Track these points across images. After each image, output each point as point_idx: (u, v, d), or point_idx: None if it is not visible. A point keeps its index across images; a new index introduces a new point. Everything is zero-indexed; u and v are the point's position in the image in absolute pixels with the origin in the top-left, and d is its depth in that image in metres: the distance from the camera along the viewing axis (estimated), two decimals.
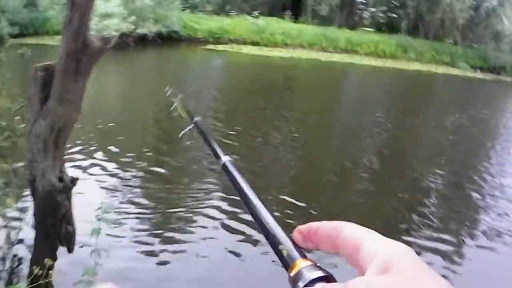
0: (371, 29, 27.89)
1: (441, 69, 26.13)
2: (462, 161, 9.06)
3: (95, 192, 5.29)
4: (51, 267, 2.92)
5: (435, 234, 5.33)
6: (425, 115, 13.91)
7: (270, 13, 25.27)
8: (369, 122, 11.18)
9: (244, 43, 21.89)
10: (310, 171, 7.29)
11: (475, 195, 6.96)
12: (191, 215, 4.98)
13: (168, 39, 19.96)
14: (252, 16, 23.35)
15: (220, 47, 20.87)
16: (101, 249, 3.06)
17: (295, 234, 0.55)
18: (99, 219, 3.06)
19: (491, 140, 11.52)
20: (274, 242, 0.59)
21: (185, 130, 1.42)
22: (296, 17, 26.19)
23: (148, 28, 18.94)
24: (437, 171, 7.92)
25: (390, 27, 28.97)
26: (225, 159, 0.93)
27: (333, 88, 16.15)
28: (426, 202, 6.40)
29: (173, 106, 1.64)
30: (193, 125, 1.43)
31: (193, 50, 20.43)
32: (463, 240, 5.31)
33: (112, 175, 5.89)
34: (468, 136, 11.40)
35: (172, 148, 7.54)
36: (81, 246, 3.48)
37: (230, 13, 24.64)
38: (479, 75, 27.76)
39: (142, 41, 18.67)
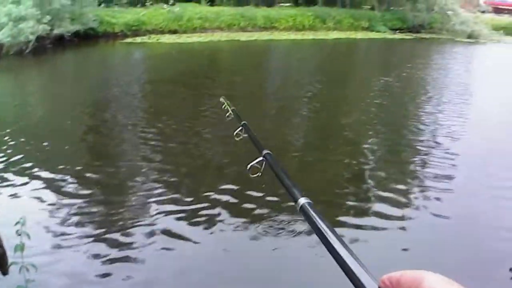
0: (288, 4, 29.34)
1: (360, 35, 28.08)
2: (395, 121, 9.54)
3: (24, 205, 5.17)
4: None
5: (379, 195, 5.67)
6: (351, 81, 15.10)
7: None
8: (298, 95, 11.48)
9: (162, 32, 22.56)
10: (247, 155, 7.58)
11: (412, 152, 7.50)
12: (130, 221, 4.90)
13: (85, 37, 20.12)
14: (168, 4, 24.05)
15: (138, 39, 21.29)
16: (28, 265, 3.13)
17: (381, 284, 0.58)
18: (19, 234, 3.07)
19: (419, 95, 12.26)
20: (352, 277, 0.65)
21: (253, 162, 1.36)
22: (212, 0, 27.13)
23: (66, 28, 18.97)
24: (372, 134, 8.43)
25: (307, 0, 30.47)
26: (303, 201, 0.93)
27: (256, 67, 16.82)
28: (366, 166, 6.75)
29: (236, 132, 1.89)
30: (262, 158, 1.37)
31: (112, 46, 20.68)
32: (405, 199, 5.61)
33: (39, 186, 5.69)
34: (397, 96, 12.07)
35: (102, 151, 7.34)
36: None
37: (146, 3, 25.21)
38: (399, 35, 29.99)
39: (60, 42, 18.79)
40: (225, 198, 5.43)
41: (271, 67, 17.79)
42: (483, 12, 43.14)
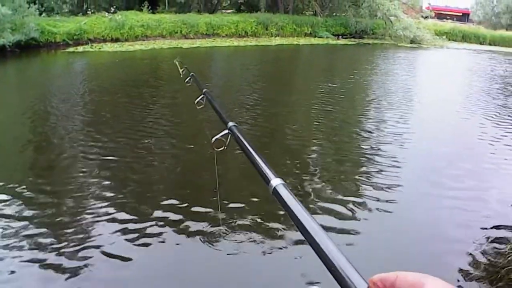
0: (231, 11, 30.68)
1: (303, 41, 29.75)
2: (339, 127, 9.77)
3: None
4: None
5: (321, 206, 5.66)
6: (295, 87, 15.44)
7: (128, 7, 26.81)
8: (242, 103, 11.56)
9: (104, 41, 23.07)
10: (195, 165, 7.21)
11: (355, 160, 7.63)
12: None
13: (27, 48, 20.45)
14: (110, 13, 24.56)
15: (80, 48, 21.62)
16: None
17: (371, 285, 0.56)
18: None
19: (364, 101, 12.73)
20: (336, 273, 0.60)
21: (218, 135, 1.38)
22: (154, 8, 27.96)
23: (7, 38, 19.15)
24: (316, 142, 8.58)
25: (250, 7, 32.12)
26: (276, 182, 0.86)
27: (198, 74, 15.16)
28: (309, 174, 6.82)
29: (198, 100, 1.96)
30: (227, 131, 1.40)
31: (54, 55, 20.76)
32: (347, 208, 5.61)
33: None
34: (341, 102, 12.35)
35: (44, 166, 7.04)
36: None
37: (87, 12, 25.62)
38: (341, 41, 31.81)
39: (1, 53, 19.06)
40: (170, 215, 5.33)
41: (214, 74, 18.05)
42: (426, 17, 45.86)
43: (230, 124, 1.48)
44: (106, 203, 5.58)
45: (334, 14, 35.17)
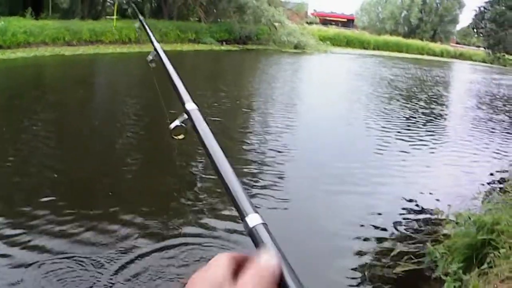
0: (115, 17, 32.86)
1: (186, 47, 32.65)
2: (225, 136, 10.09)
3: None
4: None
5: (209, 223, 5.99)
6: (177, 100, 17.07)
7: (11, 13, 27.22)
8: (123, 113, 11.87)
9: None
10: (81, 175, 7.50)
11: (241, 167, 7.97)
12: None
13: None
14: None
15: None
16: None
17: None
18: None
19: (245, 109, 13.46)
20: None
21: (177, 122, 1.16)
22: (37, 14, 28.68)
23: None
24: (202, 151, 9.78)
25: (135, 13, 34.07)
26: (254, 221, 0.74)
27: (79, 83, 17.11)
28: (197, 184, 7.20)
29: (151, 59, 1.87)
30: (186, 116, 1.15)
31: None
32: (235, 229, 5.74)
33: None
34: (225, 110, 12.99)
35: None
36: None
37: None
38: (225, 47, 35.16)
39: None
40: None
41: (96, 83, 18.83)
42: (310, 23, 50.57)
43: (190, 106, 1.16)
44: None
45: (219, 20, 38.44)
